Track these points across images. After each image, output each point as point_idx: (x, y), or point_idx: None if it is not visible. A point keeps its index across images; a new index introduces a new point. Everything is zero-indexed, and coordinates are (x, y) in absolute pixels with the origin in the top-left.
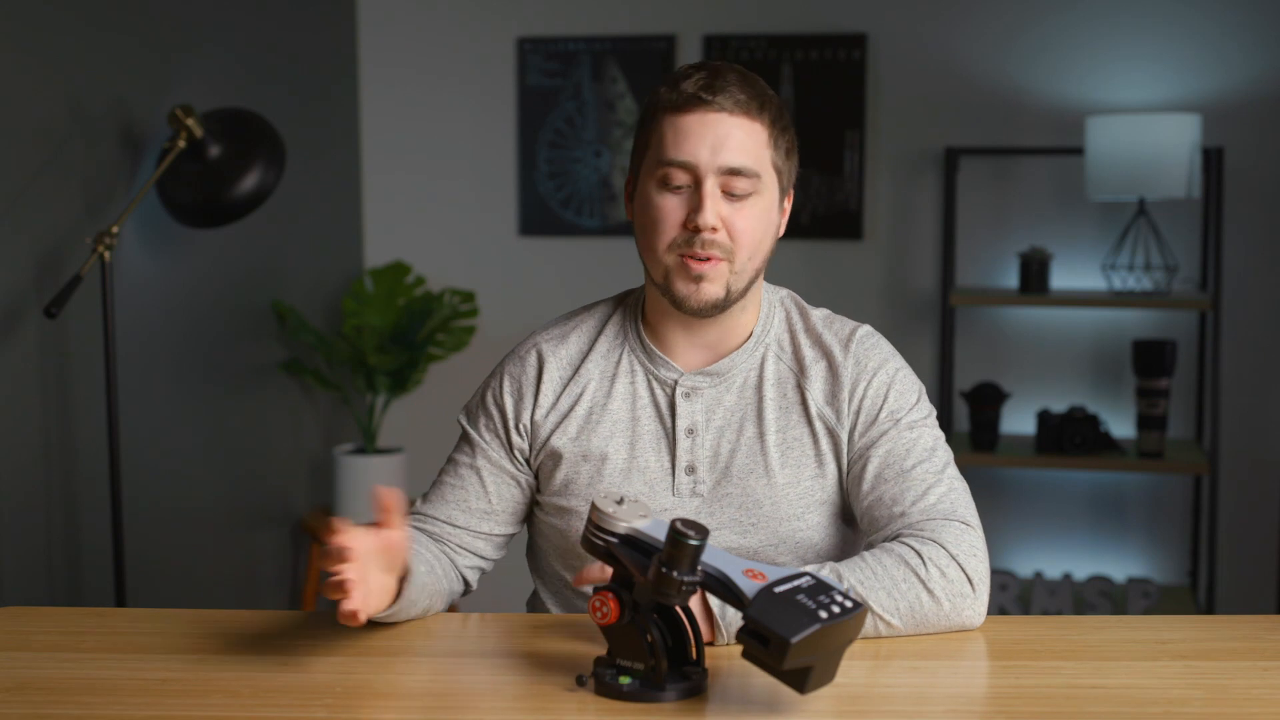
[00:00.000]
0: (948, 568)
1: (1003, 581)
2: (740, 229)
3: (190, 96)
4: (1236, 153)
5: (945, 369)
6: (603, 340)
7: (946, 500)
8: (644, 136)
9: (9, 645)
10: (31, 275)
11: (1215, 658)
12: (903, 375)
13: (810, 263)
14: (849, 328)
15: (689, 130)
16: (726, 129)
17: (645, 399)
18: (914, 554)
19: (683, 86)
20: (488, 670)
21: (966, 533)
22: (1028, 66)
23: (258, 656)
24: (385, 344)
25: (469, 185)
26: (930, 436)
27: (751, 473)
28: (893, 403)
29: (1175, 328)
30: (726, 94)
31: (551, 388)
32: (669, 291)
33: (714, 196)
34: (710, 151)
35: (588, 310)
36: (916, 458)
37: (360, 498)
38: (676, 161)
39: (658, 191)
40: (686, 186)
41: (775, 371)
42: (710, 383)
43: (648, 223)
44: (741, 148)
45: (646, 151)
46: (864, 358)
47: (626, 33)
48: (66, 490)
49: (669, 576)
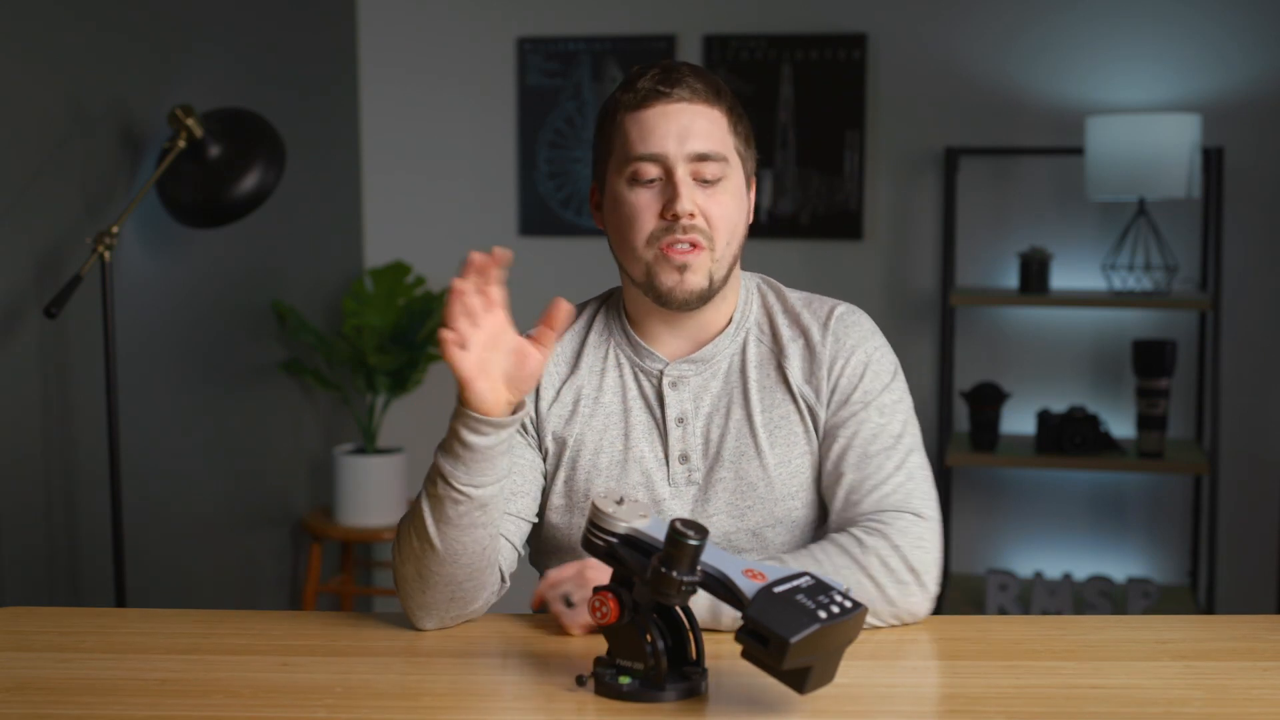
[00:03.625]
0: (889, 558)
1: (1003, 581)
2: (716, 215)
3: (190, 96)
4: (1236, 153)
5: (945, 369)
6: (592, 335)
7: (902, 491)
8: (605, 142)
9: (9, 645)
10: (31, 275)
11: (1215, 658)
12: (879, 355)
13: (810, 263)
14: (828, 306)
15: (652, 124)
16: (689, 117)
17: (634, 391)
18: (856, 543)
19: (639, 85)
20: (488, 670)
21: (916, 524)
22: (1028, 66)
23: (258, 656)
24: (385, 344)
25: (469, 185)
26: (899, 422)
27: (743, 455)
28: (867, 383)
29: (1175, 328)
30: (683, 85)
31: (551, 382)
32: (652, 287)
33: (687, 184)
34: (677, 141)
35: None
36: (881, 444)
37: (360, 498)
38: (645, 155)
39: (629, 189)
40: (658, 179)
41: (757, 354)
42: (695, 370)
43: (622, 221)
44: (706, 133)
45: (610, 155)
46: (842, 335)
47: (626, 33)
48: (66, 490)
49: (668, 576)
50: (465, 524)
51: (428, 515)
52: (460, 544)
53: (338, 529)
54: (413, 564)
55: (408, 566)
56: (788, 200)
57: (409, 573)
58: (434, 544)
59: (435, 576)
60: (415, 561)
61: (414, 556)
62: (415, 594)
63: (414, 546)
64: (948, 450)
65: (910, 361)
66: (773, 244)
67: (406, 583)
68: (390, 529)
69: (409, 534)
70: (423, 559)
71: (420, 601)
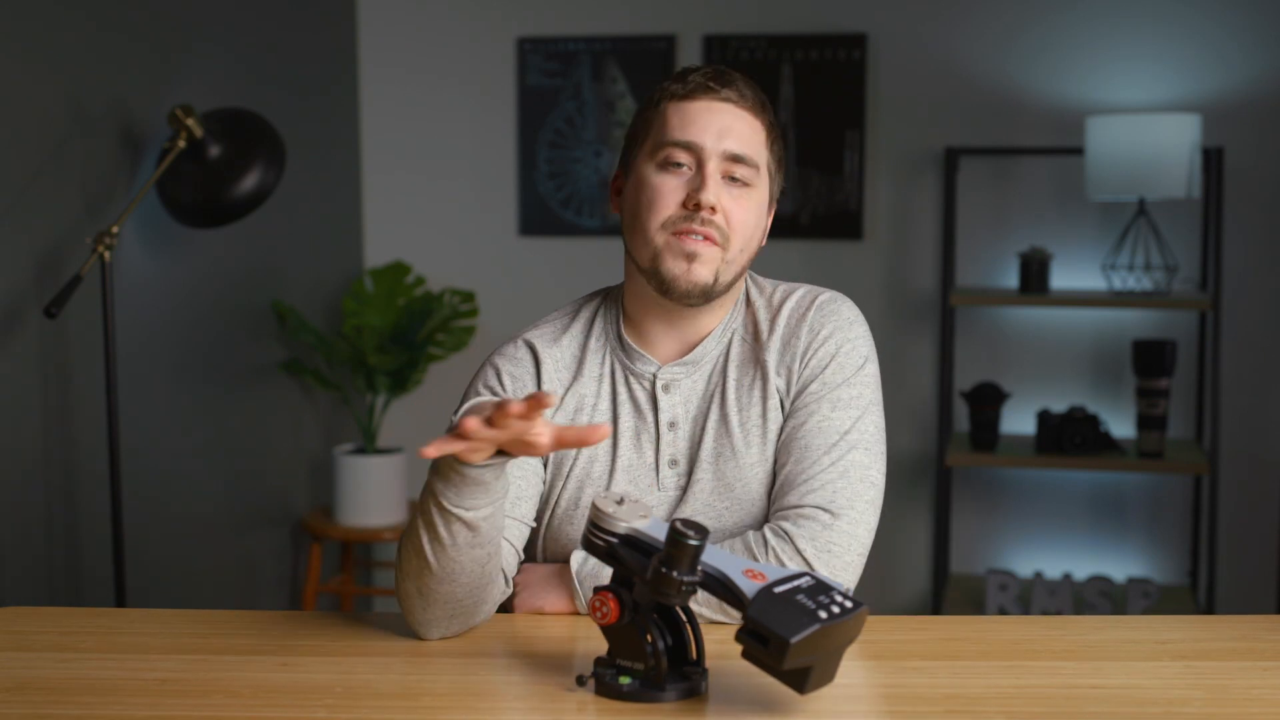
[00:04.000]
0: (791, 561)
1: (1003, 581)
2: (737, 217)
3: (190, 96)
4: (1236, 153)
5: (945, 369)
6: (592, 340)
7: (829, 489)
8: (643, 126)
9: (9, 645)
10: (31, 275)
11: (1215, 658)
12: (850, 347)
13: (810, 263)
14: (811, 295)
15: (695, 115)
16: (731, 118)
17: (624, 396)
18: (761, 542)
19: (690, 78)
20: (488, 669)
21: (828, 527)
22: (1028, 66)
23: (258, 656)
24: (385, 344)
25: (469, 185)
26: (849, 418)
27: (719, 455)
28: (829, 374)
29: (1175, 328)
30: (733, 88)
31: (554, 387)
32: (656, 274)
33: (716, 178)
34: (716, 136)
35: (570, 315)
36: (824, 438)
37: (360, 498)
38: (681, 142)
39: (657, 172)
40: (688, 167)
41: (739, 352)
42: (686, 372)
43: (642, 202)
44: (745, 137)
45: (646, 139)
46: (818, 323)
47: (626, 33)
48: (66, 490)
49: (669, 576)
50: (461, 544)
51: (423, 535)
52: (457, 564)
53: (338, 529)
54: (413, 581)
55: (409, 583)
56: (788, 200)
57: (410, 589)
58: (430, 564)
59: (434, 594)
60: (415, 579)
61: (413, 574)
62: (417, 610)
63: (413, 565)
64: (948, 450)
65: (910, 361)
66: (773, 244)
67: (408, 598)
68: (390, 529)
69: (408, 552)
70: (421, 577)
71: (422, 618)
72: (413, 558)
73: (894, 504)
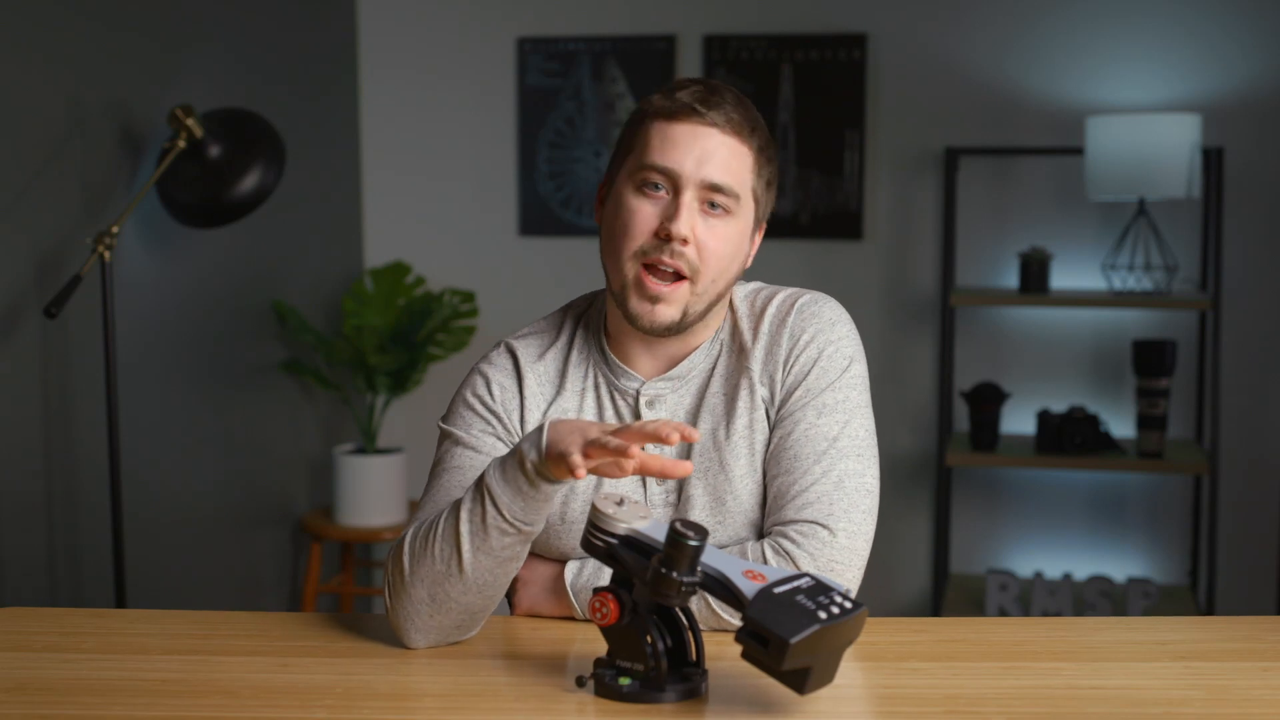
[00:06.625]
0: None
1: (1003, 582)
2: (710, 249)
3: (190, 96)
4: (1236, 153)
5: (945, 369)
6: (574, 353)
7: (823, 502)
8: (628, 140)
9: (9, 645)
10: (31, 275)
11: (1215, 658)
12: (833, 349)
13: (810, 263)
14: (792, 298)
15: (677, 139)
16: (714, 145)
17: (610, 411)
18: (760, 558)
19: (678, 95)
20: (488, 670)
21: (829, 543)
22: (1028, 66)
23: (257, 657)
24: (385, 344)
25: (469, 185)
26: (837, 423)
27: (709, 470)
28: (813, 379)
29: (1175, 328)
30: (720, 110)
31: (538, 404)
32: (624, 306)
33: (690, 208)
34: (695, 163)
35: (556, 326)
36: (813, 446)
37: (360, 498)
38: (659, 166)
39: (634, 195)
40: (666, 191)
41: (726, 365)
42: (671, 387)
43: (618, 226)
44: (726, 166)
45: (628, 155)
46: (799, 328)
47: (626, 33)
48: (66, 490)
49: (668, 577)
50: (504, 556)
51: (465, 541)
52: (491, 574)
53: (338, 529)
54: (427, 586)
55: (419, 589)
56: (788, 200)
57: (419, 594)
58: (464, 569)
59: (452, 602)
60: (432, 584)
61: (431, 579)
62: (421, 616)
63: (435, 569)
64: (948, 450)
65: (910, 361)
66: (773, 244)
67: (412, 604)
68: (390, 529)
69: (427, 556)
70: (443, 583)
71: (423, 624)
72: (435, 563)
73: (894, 504)
